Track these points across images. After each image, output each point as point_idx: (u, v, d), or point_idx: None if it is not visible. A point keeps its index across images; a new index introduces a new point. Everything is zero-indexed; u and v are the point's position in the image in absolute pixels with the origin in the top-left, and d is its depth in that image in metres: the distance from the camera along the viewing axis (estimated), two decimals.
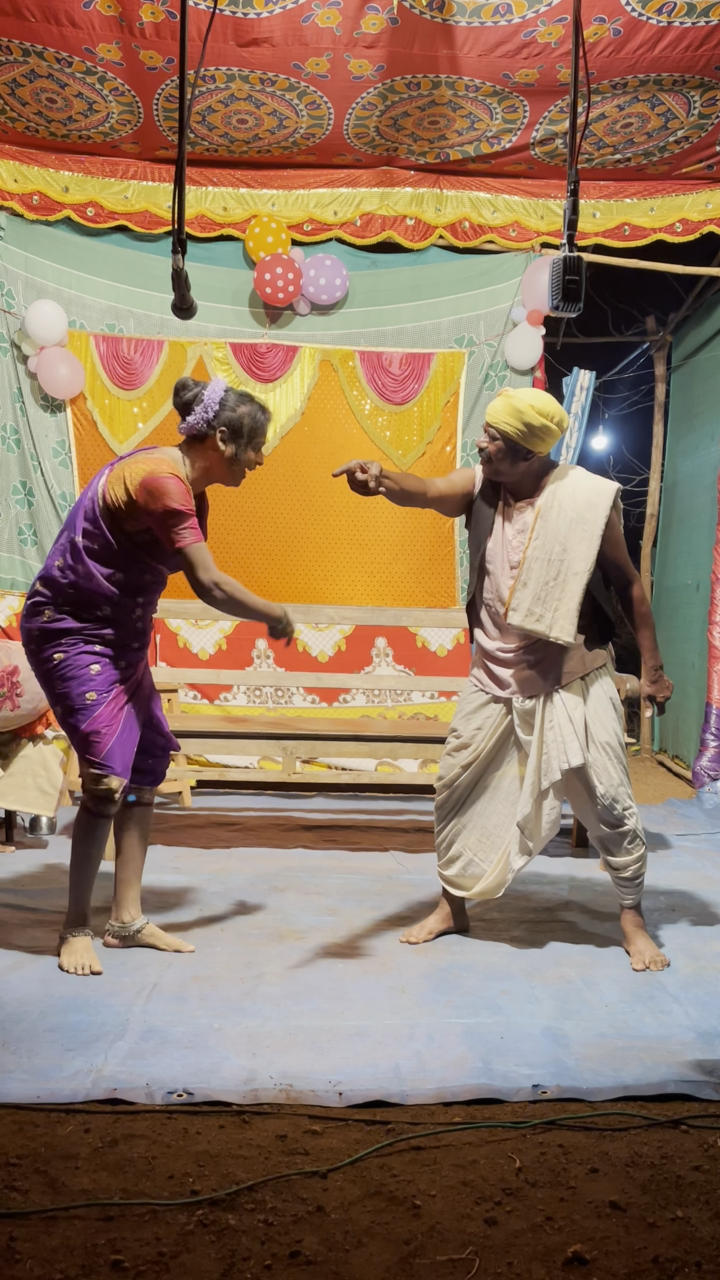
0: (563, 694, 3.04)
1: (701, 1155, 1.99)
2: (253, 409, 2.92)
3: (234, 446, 2.90)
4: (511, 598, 3.01)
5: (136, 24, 4.40)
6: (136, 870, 3.11)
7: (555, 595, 2.98)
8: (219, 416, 2.88)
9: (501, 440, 2.96)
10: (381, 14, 4.35)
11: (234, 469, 2.95)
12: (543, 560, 2.98)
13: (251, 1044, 2.42)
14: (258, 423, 2.93)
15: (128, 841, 3.11)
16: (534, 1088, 2.24)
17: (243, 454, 2.93)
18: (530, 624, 2.99)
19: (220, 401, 2.87)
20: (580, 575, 2.97)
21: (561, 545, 2.98)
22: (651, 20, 4.33)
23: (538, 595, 2.99)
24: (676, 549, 7.06)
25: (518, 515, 3.06)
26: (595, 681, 3.07)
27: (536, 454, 2.99)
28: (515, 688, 3.09)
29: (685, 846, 4.57)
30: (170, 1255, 1.64)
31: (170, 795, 5.33)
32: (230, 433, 2.89)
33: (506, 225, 5.77)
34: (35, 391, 5.72)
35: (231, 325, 5.89)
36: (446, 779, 3.20)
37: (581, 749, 3.00)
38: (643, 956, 3.02)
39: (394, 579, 6.02)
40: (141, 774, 3.09)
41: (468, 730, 3.17)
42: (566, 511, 2.98)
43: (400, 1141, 2.01)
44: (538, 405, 2.93)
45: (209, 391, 2.88)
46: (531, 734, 3.07)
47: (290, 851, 4.33)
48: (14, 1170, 1.87)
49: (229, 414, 2.88)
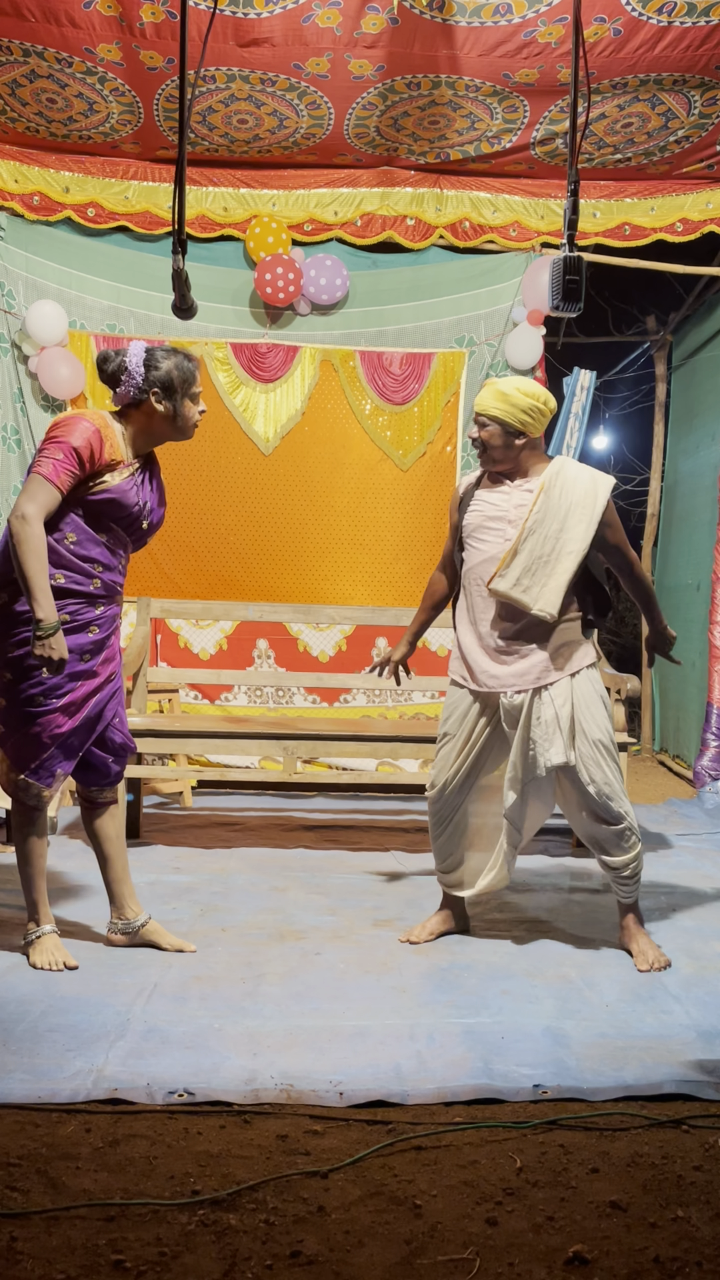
0: (551, 691, 3.02)
1: (702, 1155, 1.99)
2: (178, 360, 2.87)
3: (170, 403, 2.87)
4: (502, 564, 3.02)
5: (137, 24, 4.40)
6: (123, 868, 3.08)
7: (545, 570, 3.00)
8: (148, 379, 2.84)
9: (494, 424, 3.01)
10: (382, 14, 4.35)
11: (179, 424, 2.91)
12: (540, 534, 3.01)
13: (252, 1044, 2.42)
14: (186, 372, 2.88)
15: (105, 843, 3.06)
16: (535, 1087, 2.24)
17: (181, 408, 2.89)
18: (516, 593, 3.00)
19: (145, 363, 2.84)
20: (573, 555, 3.00)
21: (560, 524, 3.01)
22: (652, 20, 4.33)
23: (528, 567, 3.00)
24: (677, 549, 7.06)
25: (518, 490, 3.09)
26: (585, 679, 3.06)
27: (529, 436, 3.03)
28: (500, 681, 3.06)
29: (686, 846, 4.57)
30: (171, 1255, 1.64)
31: (171, 795, 5.33)
32: (164, 391, 2.85)
33: (507, 225, 5.77)
34: (36, 392, 5.72)
35: (232, 325, 5.89)
36: (438, 783, 3.20)
37: (567, 747, 2.98)
38: (646, 957, 3.02)
39: (395, 579, 6.02)
40: (99, 774, 3.03)
41: (456, 731, 3.16)
42: (569, 493, 3.03)
43: (401, 1141, 2.01)
44: (523, 388, 3.02)
45: (130, 357, 2.84)
46: (516, 729, 3.06)
47: (291, 851, 4.33)
48: (15, 1170, 1.87)
49: (156, 373, 2.84)
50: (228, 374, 5.85)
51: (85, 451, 2.74)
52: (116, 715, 3.02)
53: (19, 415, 5.72)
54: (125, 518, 2.89)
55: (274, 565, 5.89)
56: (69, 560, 2.81)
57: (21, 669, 2.80)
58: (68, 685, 2.84)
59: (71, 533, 2.81)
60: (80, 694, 2.87)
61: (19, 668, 2.81)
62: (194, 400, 2.92)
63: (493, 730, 3.13)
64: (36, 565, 2.66)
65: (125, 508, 2.87)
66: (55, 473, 2.71)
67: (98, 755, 3.00)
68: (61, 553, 2.80)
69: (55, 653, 2.67)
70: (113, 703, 3.00)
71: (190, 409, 2.91)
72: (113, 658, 2.98)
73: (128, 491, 2.86)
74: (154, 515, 3.00)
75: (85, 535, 2.83)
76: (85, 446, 2.74)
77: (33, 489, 2.70)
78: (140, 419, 2.90)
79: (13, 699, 2.83)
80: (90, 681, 2.89)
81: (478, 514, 3.14)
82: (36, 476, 2.71)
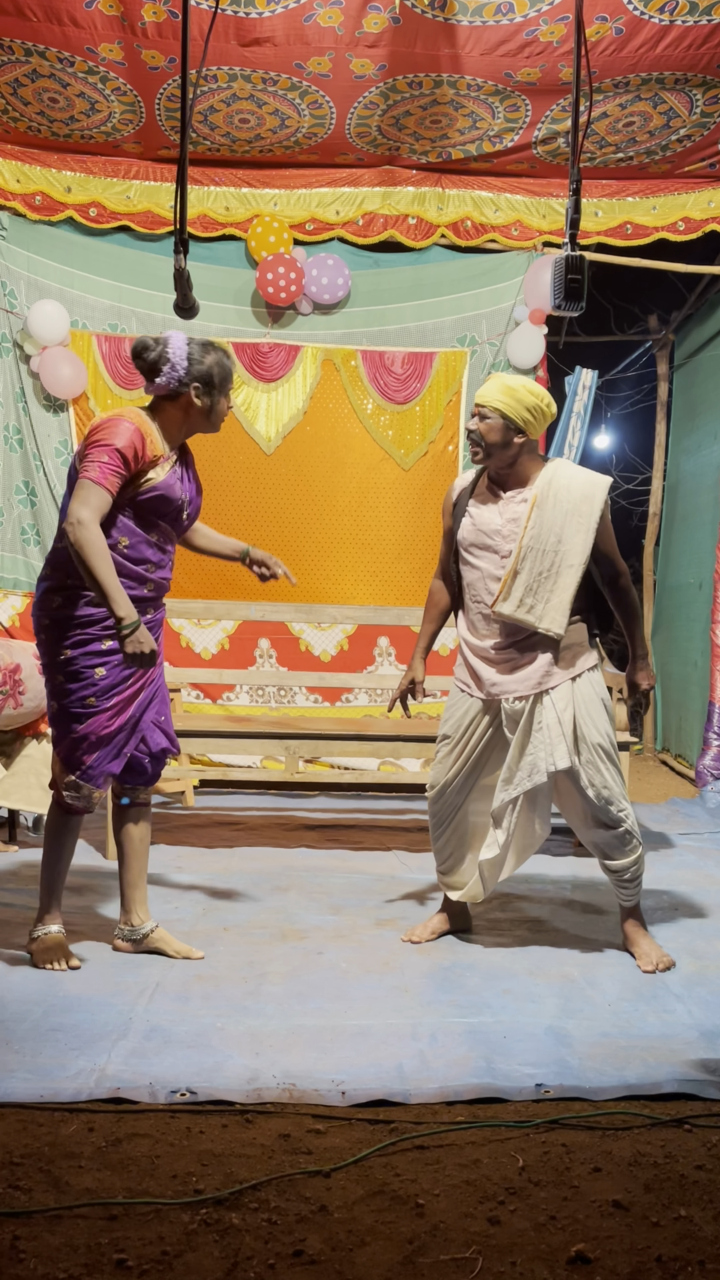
0: (552, 695, 2.99)
1: (705, 1154, 1.99)
2: (218, 356, 2.89)
3: (209, 398, 2.88)
4: (503, 587, 2.99)
5: (138, 24, 4.40)
6: (140, 871, 3.08)
7: (548, 587, 2.96)
8: (190, 372, 2.84)
9: (495, 417, 2.95)
10: (383, 13, 4.35)
11: (213, 418, 2.93)
12: (538, 550, 2.96)
13: (254, 1043, 2.42)
14: (226, 370, 2.91)
15: (128, 844, 3.07)
16: (537, 1087, 2.24)
17: (218, 403, 2.91)
18: (521, 614, 2.97)
19: (188, 356, 2.84)
20: (575, 568, 2.95)
21: (557, 536, 2.96)
22: (654, 19, 4.33)
23: (530, 586, 2.96)
24: (679, 548, 7.06)
25: (510, 504, 3.03)
26: (586, 682, 3.03)
27: (528, 436, 2.97)
28: (502, 687, 3.03)
29: (688, 846, 4.56)
30: (174, 1254, 1.64)
31: (173, 795, 5.33)
32: (204, 386, 2.86)
33: (509, 224, 5.77)
34: (38, 391, 5.72)
35: (234, 325, 5.89)
36: (438, 784, 3.19)
37: (570, 751, 2.95)
38: (650, 958, 3.01)
39: (397, 578, 6.02)
40: (138, 775, 3.04)
41: (456, 734, 3.14)
42: (562, 503, 2.96)
43: (403, 1141, 2.01)
44: (528, 385, 2.98)
45: (173, 349, 2.83)
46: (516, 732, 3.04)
47: (293, 851, 4.33)
48: (17, 1169, 1.88)
49: (199, 368, 2.84)
50: None
51: (129, 451, 2.75)
52: (162, 715, 3.03)
53: (21, 415, 5.73)
54: (171, 512, 2.90)
55: None
56: (123, 566, 2.83)
57: (72, 672, 2.83)
58: (118, 686, 2.87)
59: (124, 537, 2.83)
60: (129, 694, 2.89)
61: (70, 671, 2.83)
62: (227, 396, 2.95)
63: (494, 733, 3.11)
64: (104, 566, 2.66)
65: (172, 502, 2.88)
66: (104, 475, 2.71)
67: (138, 754, 3.00)
68: (117, 559, 2.81)
69: (144, 646, 2.70)
70: (156, 702, 3.01)
71: (224, 405, 2.94)
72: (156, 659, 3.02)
73: (173, 485, 2.88)
74: (193, 505, 3.02)
75: (137, 537, 2.85)
76: (129, 446, 2.74)
77: (84, 494, 2.69)
78: (176, 412, 2.90)
79: (65, 701, 2.85)
80: (138, 683, 2.92)
81: (472, 528, 3.08)
82: (86, 481, 2.70)
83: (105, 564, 2.66)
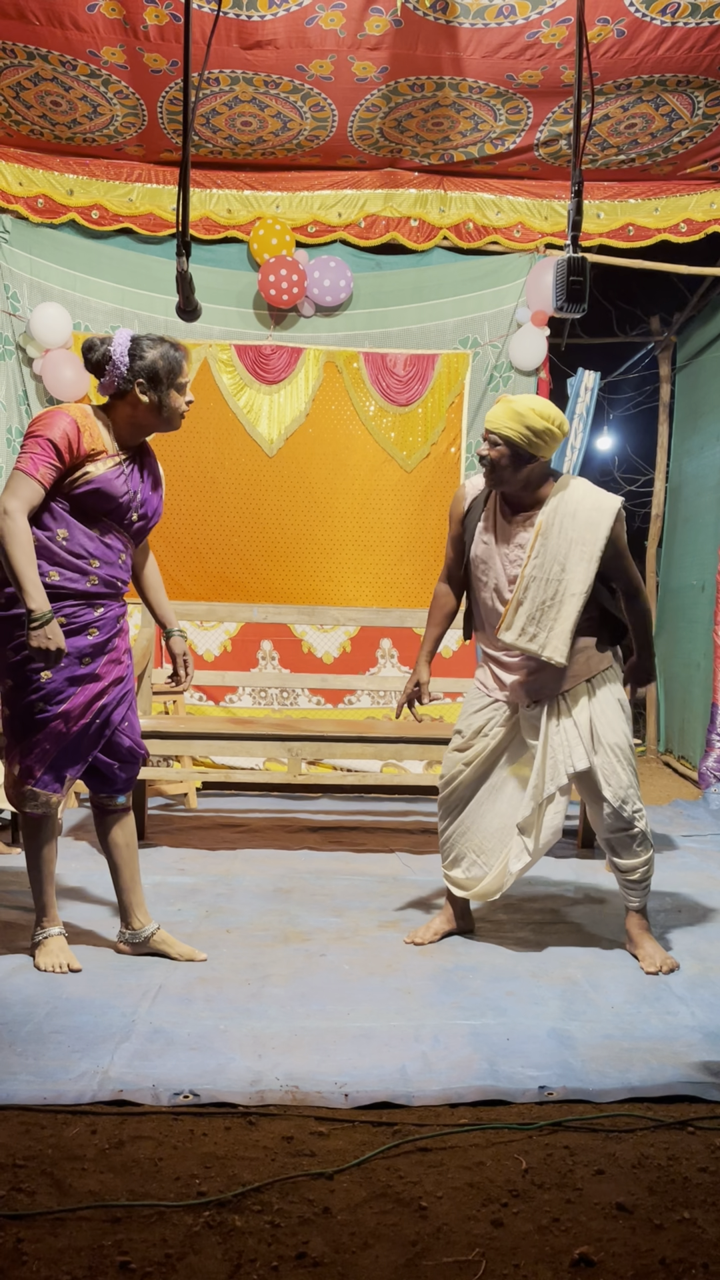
0: (568, 698, 3.03)
1: (708, 1157, 1.98)
2: (164, 349, 2.83)
3: (156, 394, 2.83)
4: (505, 616, 3.00)
5: (140, 27, 4.41)
6: (132, 876, 3.04)
7: (550, 615, 2.96)
8: (132, 368, 2.80)
9: (504, 445, 2.92)
10: (385, 16, 4.36)
11: (165, 414, 2.87)
12: (540, 580, 2.96)
13: (257, 1045, 2.42)
14: (172, 362, 2.83)
15: (114, 851, 3.02)
16: (540, 1089, 2.23)
17: (167, 398, 2.85)
18: (524, 643, 2.98)
19: (130, 353, 2.80)
20: (577, 596, 2.95)
21: (560, 565, 2.96)
22: (655, 21, 4.33)
23: (532, 615, 2.98)
24: (681, 549, 7.05)
25: (517, 531, 3.03)
26: (602, 684, 3.05)
27: (539, 458, 2.95)
28: (521, 693, 3.07)
29: (691, 847, 4.56)
30: (177, 1256, 1.64)
31: (176, 797, 5.34)
32: (149, 381, 2.81)
33: (511, 226, 5.77)
34: (40, 394, 5.73)
35: (236, 327, 5.90)
36: (449, 776, 3.20)
37: (588, 752, 2.99)
38: (653, 960, 3.01)
39: (399, 580, 6.02)
40: (109, 782, 2.99)
41: (470, 728, 3.17)
42: (567, 531, 2.95)
43: (406, 1143, 2.01)
44: (538, 409, 2.91)
45: (115, 346, 2.80)
46: (537, 739, 3.06)
47: (296, 853, 4.33)
48: (20, 1172, 1.87)
49: (140, 364, 2.80)
50: (231, 376, 5.86)
51: (63, 443, 2.73)
52: (126, 720, 2.96)
53: (24, 417, 5.73)
54: (114, 509, 2.84)
55: (278, 567, 5.90)
56: (62, 557, 2.79)
57: (22, 675, 2.79)
58: (68, 690, 2.82)
59: (62, 529, 2.79)
60: (83, 699, 2.84)
61: (19, 674, 2.79)
62: (180, 390, 2.87)
63: (508, 732, 3.14)
64: (22, 557, 2.65)
65: (111, 498, 2.82)
66: (34, 466, 2.70)
67: (104, 761, 2.95)
68: (54, 550, 2.78)
69: (51, 642, 2.64)
70: (121, 707, 2.94)
71: (176, 399, 2.87)
72: (119, 660, 2.94)
73: (112, 481, 2.81)
74: (147, 506, 2.94)
75: (76, 529, 2.80)
76: (62, 438, 2.73)
77: (13, 484, 2.70)
78: (125, 409, 2.86)
79: (15, 707, 2.82)
80: (93, 685, 2.86)
81: (480, 544, 3.08)
82: (16, 472, 2.71)
83: (24, 554, 2.65)
